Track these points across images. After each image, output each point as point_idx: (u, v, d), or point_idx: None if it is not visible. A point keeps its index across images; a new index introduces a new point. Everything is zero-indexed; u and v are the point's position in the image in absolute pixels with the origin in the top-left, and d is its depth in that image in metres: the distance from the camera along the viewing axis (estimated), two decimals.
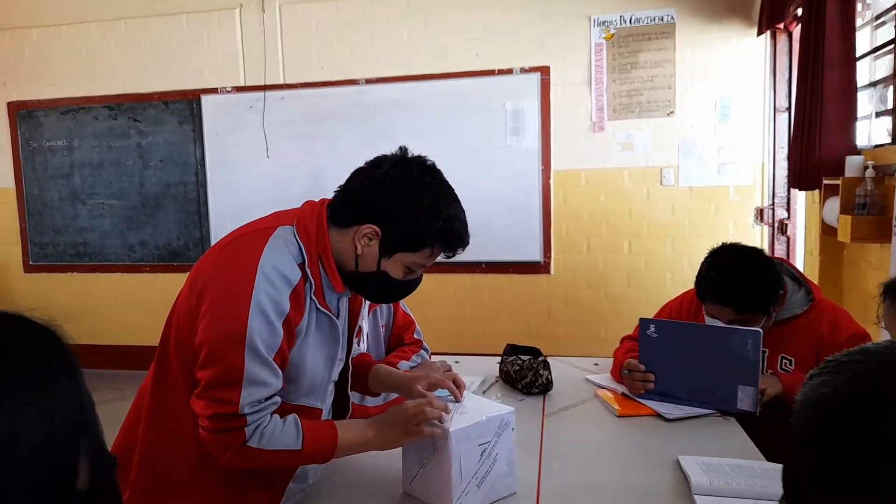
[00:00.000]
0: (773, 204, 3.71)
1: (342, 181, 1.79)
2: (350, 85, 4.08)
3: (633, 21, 3.75)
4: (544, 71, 3.86)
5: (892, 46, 2.38)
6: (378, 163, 1.21)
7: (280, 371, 1.13)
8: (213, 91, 4.22)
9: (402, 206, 1.16)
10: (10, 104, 4.54)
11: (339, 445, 1.17)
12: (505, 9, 3.89)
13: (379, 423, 1.22)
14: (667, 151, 3.81)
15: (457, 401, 1.31)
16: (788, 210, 3.68)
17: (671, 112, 3.77)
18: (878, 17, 2.68)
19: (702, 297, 1.75)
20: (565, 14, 3.82)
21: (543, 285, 4.09)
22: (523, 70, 3.89)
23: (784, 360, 1.76)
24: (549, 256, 4.03)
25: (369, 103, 4.06)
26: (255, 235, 1.17)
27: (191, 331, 1.14)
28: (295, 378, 1.19)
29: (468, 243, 1.23)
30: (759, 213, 3.75)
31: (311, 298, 1.17)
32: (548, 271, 4.05)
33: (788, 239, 3.68)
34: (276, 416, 1.14)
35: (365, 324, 1.88)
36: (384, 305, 1.98)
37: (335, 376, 1.32)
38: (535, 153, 3.94)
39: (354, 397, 1.68)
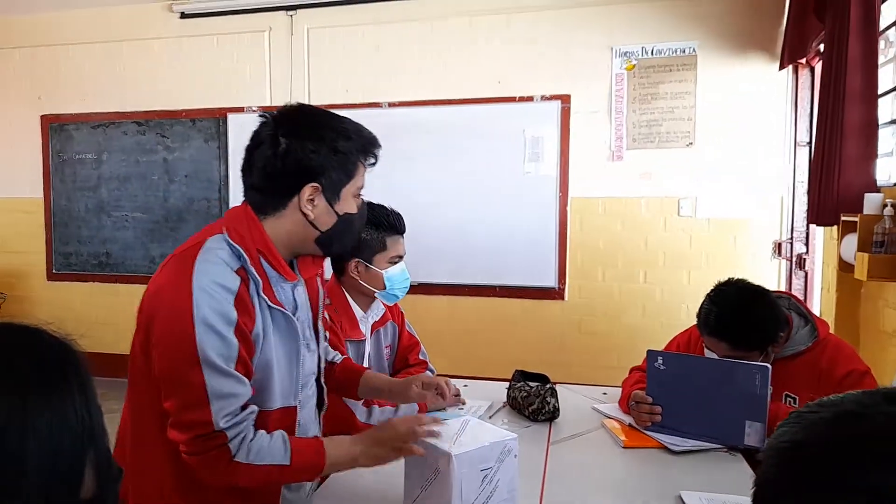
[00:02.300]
0: (791, 238, 3.68)
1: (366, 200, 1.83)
2: (373, 108, 4.15)
3: (654, 52, 3.78)
4: (565, 99, 3.90)
5: None
6: (259, 140, 1.18)
7: (245, 379, 1.12)
8: (240, 110, 4.32)
9: (317, 151, 1.15)
10: (43, 117, 4.69)
11: (327, 462, 1.17)
12: (528, 37, 3.95)
13: (368, 439, 1.22)
14: (685, 182, 3.81)
15: (443, 398, 1.46)
16: (807, 245, 3.64)
17: (690, 143, 3.78)
18: None
19: (700, 330, 1.76)
20: (588, 44, 3.86)
21: (557, 312, 4.08)
22: (544, 98, 3.93)
23: (788, 399, 1.73)
24: (564, 283, 4.02)
25: (392, 126, 4.12)
26: (185, 255, 1.15)
27: (145, 362, 1.14)
28: (266, 384, 1.18)
29: (380, 142, 1.26)
30: (778, 247, 3.72)
31: (260, 298, 1.16)
32: (562, 298, 4.04)
33: (806, 274, 3.64)
34: (263, 432, 1.14)
35: (367, 344, 1.91)
36: (389, 327, 2.00)
37: (312, 369, 1.31)
38: (553, 180, 3.96)
39: (361, 414, 1.70)
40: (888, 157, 2.72)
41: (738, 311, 1.66)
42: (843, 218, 2.54)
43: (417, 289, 4.14)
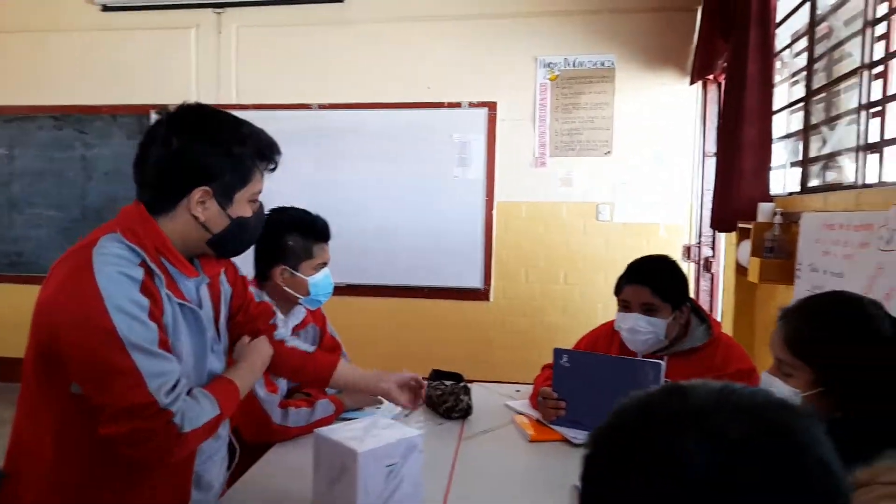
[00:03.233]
0: (699, 243, 3.92)
1: (293, 202, 1.85)
2: (303, 109, 4.14)
3: (576, 64, 3.95)
4: (491, 106, 4.01)
5: (802, 104, 2.59)
6: (151, 138, 1.17)
7: (172, 356, 1.13)
8: (164, 107, 4.19)
9: (211, 154, 1.15)
10: None
11: (239, 387, 1.26)
12: (457, 45, 4.04)
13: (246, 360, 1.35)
14: (603, 188, 3.99)
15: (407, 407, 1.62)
16: (714, 249, 3.89)
17: (608, 152, 3.96)
18: (793, 74, 2.91)
19: (619, 287, 1.91)
20: (513, 53, 3.99)
21: (483, 312, 4.19)
22: (472, 104, 4.03)
23: None
24: (490, 284, 4.14)
25: (322, 128, 4.13)
26: (78, 255, 1.11)
27: (41, 371, 1.13)
28: None
29: (279, 147, 1.26)
30: (687, 251, 3.95)
31: (165, 293, 1.15)
32: (487, 298, 4.16)
33: (713, 276, 3.88)
34: (187, 398, 1.14)
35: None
36: (309, 329, 2.04)
37: (217, 369, 1.30)
38: (480, 184, 4.07)
39: (277, 416, 1.72)
40: (783, 168, 2.95)
41: (659, 261, 1.92)
42: (739, 225, 2.75)
43: (346, 290, 4.18)
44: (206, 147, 1.15)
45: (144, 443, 1.07)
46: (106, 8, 4.23)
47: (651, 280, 1.84)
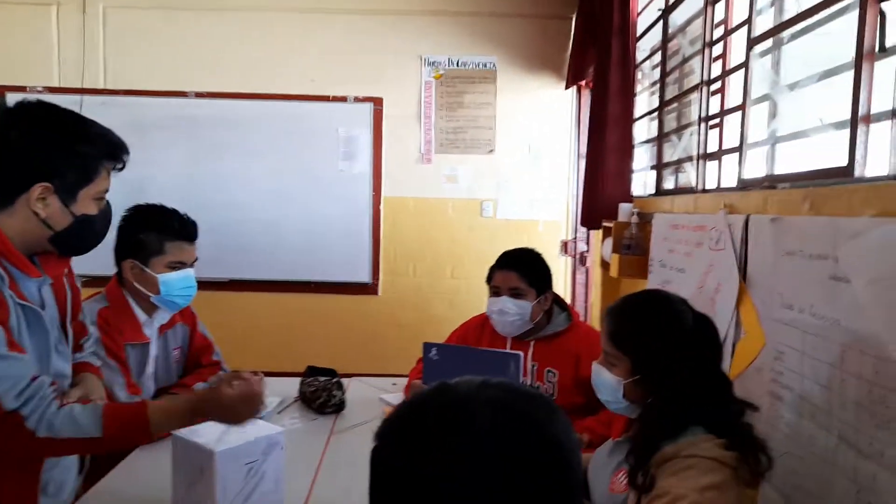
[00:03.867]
0: (575, 238, 4.16)
1: (166, 192, 1.80)
2: (178, 97, 3.96)
3: (459, 64, 4.05)
4: (377, 102, 4.03)
5: (656, 113, 2.83)
6: None
7: (22, 356, 1.10)
8: (22, 89, 3.88)
9: (54, 150, 1.14)
10: None
11: (152, 424, 1.17)
12: (342, 38, 4.02)
13: (212, 403, 1.21)
14: (487, 186, 4.14)
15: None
16: (588, 244, 4.15)
17: (491, 150, 4.11)
18: (652, 85, 3.16)
19: (491, 275, 2.07)
20: (398, 51, 4.03)
21: (372, 306, 4.22)
22: (357, 99, 4.03)
23: (549, 373, 2.03)
24: (378, 278, 4.17)
25: (198, 117, 3.97)
26: None
27: None
28: None
29: (127, 147, 1.26)
30: (564, 246, 4.19)
31: (9, 294, 1.13)
32: (376, 292, 4.19)
33: (587, 270, 4.14)
34: (73, 406, 1.12)
35: (153, 347, 1.88)
36: (178, 329, 1.98)
37: (64, 371, 1.29)
38: (366, 178, 4.08)
39: None
40: (645, 171, 3.20)
41: (526, 251, 2.12)
42: (603, 223, 2.95)
43: (228, 285, 4.06)
44: (46, 143, 1.14)
45: (4, 444, 1.07)
46: None
47: (518, 266, 2.02)
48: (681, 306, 1.16)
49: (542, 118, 4.10)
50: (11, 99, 3.73)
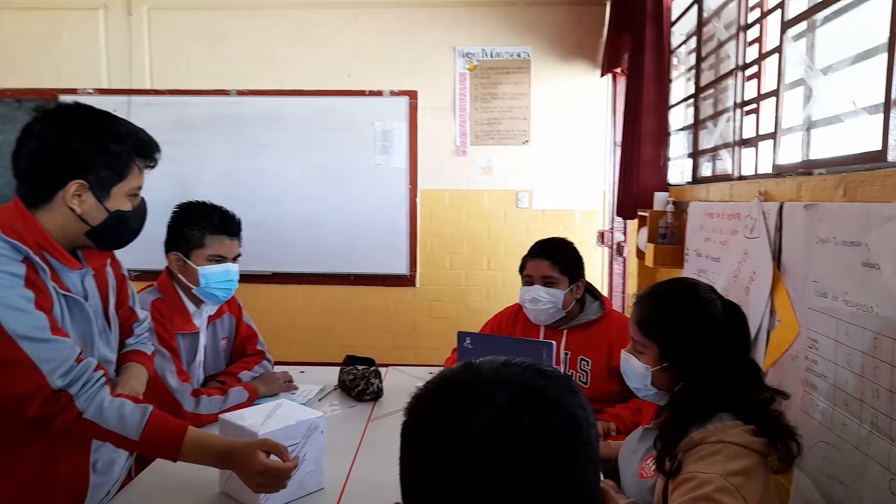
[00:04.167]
0: (612, 228, 4.13)
1: (210, 189, 1.87)
2: (221, 95, 4.08)
3: (493, 55, 4.06)
4: (412, 95, 4.08)
5: (692, 99, 2.79)
6: (28, 133, 1.23)
7: (66, 339, 1.17)
8: (73, 91, 4.06)
9: (86, 149, 1.21)
10: None
11: (182, 452, 1.22)
12: (376, 32, 4.07)
13: (244, 466, 1.22)
14: (522, 177, 4.14)
15: None
16: (625, 234, 4.12)
17: (526, 141, 4.11)
18: (688, 70, 3.11)
19: (523, 264, 2.10)
20: (432, 43, 4.06)
21: (409, 298, 4.28)
22: (393, 93, 4.08)
23: (582, 361, 2.04)
24: (415, 270, 4.23)
25: (240, 114, 4.09)
26: None
27: None
28: None
29: (158, 145, 1.32)
30: (601, 236, 4.17)
31: (52, 286, 1.20)
32: (413, 284, 4.25)
33: (624, 260, 4.11)
34: (126, 402, 1.19)
35: (203, 336, 1.97)
36: (225, 319, 2.07)
37: (109, 358, 1.36)
38: (403, 172, 4.13)
39: (189, 404, 1.77)
40: (682, 159, 3.16)
41: (558, 240, 2.14)
42: (639, 213, 2.94)
43: (272, 278, 4.18)
44: (80, 142, 1.21)
45: (52, 418, 1.14)
46: None
47: (550, 255, 2.06)
48: (708, 294, 1.17)
49: (577, 107, 4.08)
50: (63, 100, 3.91)
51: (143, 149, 1.29)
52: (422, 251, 4.22)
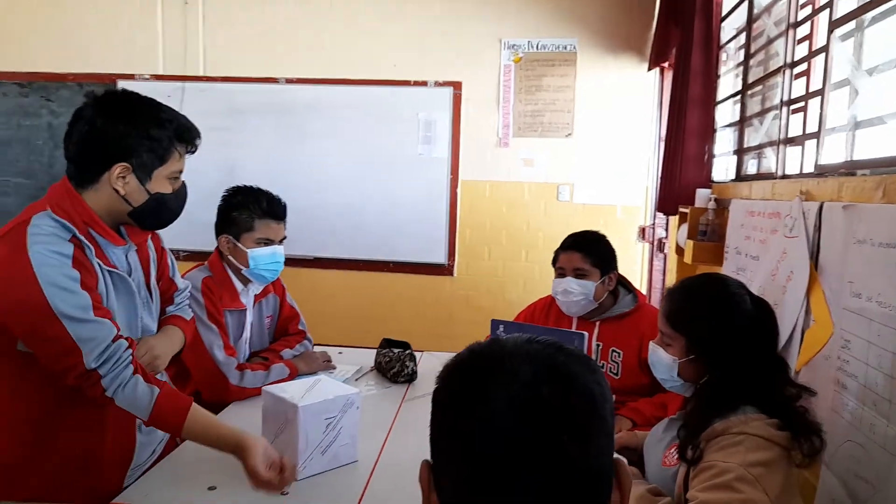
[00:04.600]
0: (654, 224, 4.10)
1: (256, 174, 1.95)
2: (270, 83, 4.20)
3: (539, 47, 4.06)
4: (456, 86, 4.12)
5: (739, 96, 2.75)
6: (77, 117, 1.30)
7: (105, 320, 1.24)
8: (131, 77, 4.24)
9: (129, 134, 1.28)
10: None
11: (184, 432, 1.30)
12: (422, 23, 4.12)
13: (242, 451, 1.27)
14: (564, 170, 4.15)
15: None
16: (667, 230, 4.08)
17: (569, 134, 4.11)
18: (737, 66, 3.06)
19: (556, 257, 2.14)
20: (478, 35, 4.09)
21: (447, 287, 4.34)
22: (437, 83, 4.13)
23: (613, 353, 2.07)
24: (454, 260, 4.28)
25: (287, 102, 4.20)
26: (12, 235, 1.23)
27: None
28: None
29: (199, 132, 1.39)
30: (642, 232, 4.14)
31: (97, 262, 1.28)
32: (451, 274, 4.31)
33: (665, 256, 4.08)
34: (140, 379, 1.26)
35: (249, 314, 2.06)
36: (270, 299, 2.17)
37: (151, 328, 1.46)
38: (444, 162, 4.18)
39: (234, 377, 1.86)
40: (727, 156, 3.12)
41: (590, 233, 2.18)
42: (680, 209, 2.92)
43: (312, 263, 4.30)
44: (125, 127, 1.29)
45: (80, 389, 1.23)
46: None
47: (582, 247, 2.09)
48: (737, 289, 1.19)
49: (622, 100, 4.05)
50: (121, 86, 4.11)
51: (184, 135, 1.36)
52: (460, 241, 4.27)
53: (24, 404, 1.30)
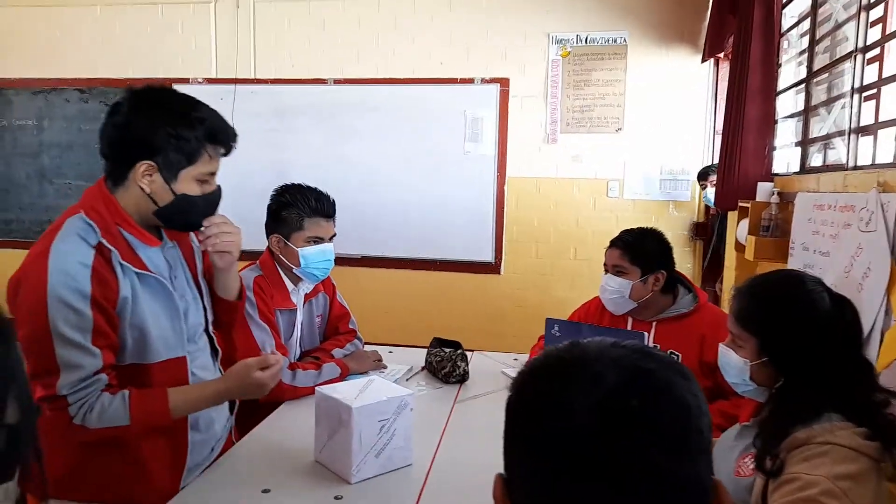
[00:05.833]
0: (707, 220, 3.96)
1: (305, 174, 1.91)
2: (318, 84, 4.24)
3: (588, 41, 3.97)
4: (503, 83, 4.06)
5: (803, 85, 2.62)
6: (114, 110, 1.27)
7: (96, 351, 1.20)
8: (185, 81, 4.34)
9: (157, 131, 1.23)
10: None
11: (172, 409, 1.27)
12: (469, 20, 4.08)
13: (229, 382, 1.33)
14: (613, 165, 4.05)
15: None
16: (713, 227, 3.93)
17: (619, 129, 4.01)
18: (799, 54, 2.92)
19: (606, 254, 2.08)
20: (525, 30, 4.02)
21: (494, 285, 4.30)
22: (484, 80, 4.08)
23: (671, 355, 1.98)
24: (501, 258, 4.24)
25: (336, 102, 4.22)
26: (45, 239, 1.23)
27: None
28: (144, 342, 1.28)
29: (235, 133, 1.33)
30: (695, 228, 4.00)
31: (123, 266, 1.24)
32: (498, 272, 4.26)
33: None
34: (106, 395, 1.22)
35: (300, 313, 2.06)
36: (320, 298, 2.16)
37: (199, 321, 1.42)
38: (491, 160, 4.14)
39: (286, 376, 1.86)
40: (789, 147, 2.98)
41: (638, 229, 2.09)
42: (740, 204, 2.80)
43: (361, 261, 4.31)
44: (153, 124, 1.24)
45: (49, 412, 1.20)
46: None
47: (622, 245, 2.02)
48: (814, 286, 1.11)
49: (675, 94, 3.93)
50: (178, 90, 4.14)
51: (217, 136, 1.29)
52: (507, 239, 4.22)
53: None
